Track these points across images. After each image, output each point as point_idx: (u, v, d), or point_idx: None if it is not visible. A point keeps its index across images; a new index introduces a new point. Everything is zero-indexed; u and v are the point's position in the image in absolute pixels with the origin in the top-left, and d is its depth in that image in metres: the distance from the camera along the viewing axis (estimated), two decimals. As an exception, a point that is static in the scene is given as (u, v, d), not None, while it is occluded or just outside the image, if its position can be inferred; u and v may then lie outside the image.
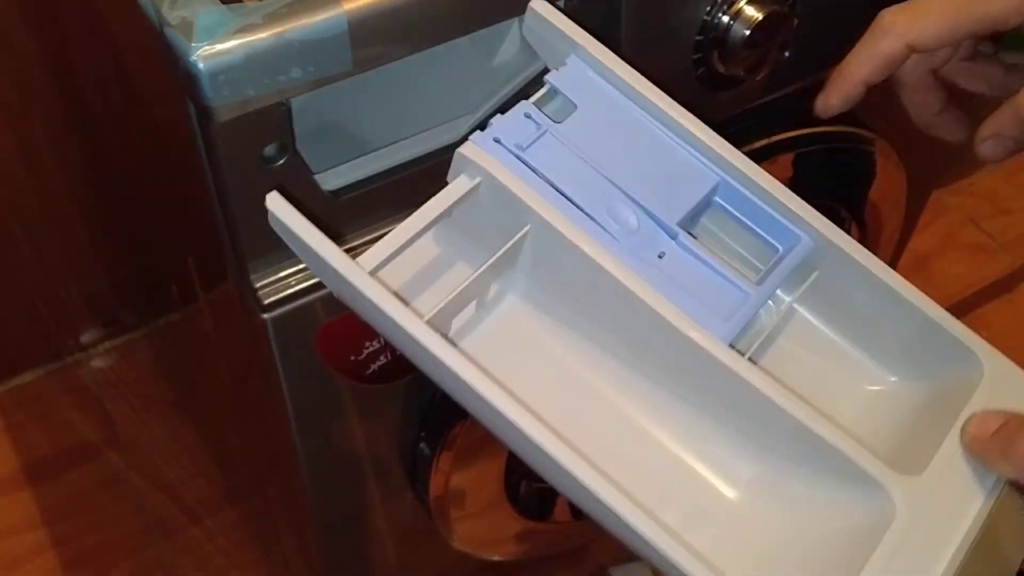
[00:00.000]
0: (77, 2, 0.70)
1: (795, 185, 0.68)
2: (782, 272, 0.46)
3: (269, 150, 0.50)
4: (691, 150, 0.47)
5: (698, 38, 0.58)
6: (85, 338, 1.23)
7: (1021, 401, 0.44)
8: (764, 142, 0.68)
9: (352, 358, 0.60)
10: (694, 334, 0.42)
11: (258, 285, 0.55)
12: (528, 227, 0.44)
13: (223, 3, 0.46)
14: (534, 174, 0.45)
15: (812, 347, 0.48)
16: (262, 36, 0.45)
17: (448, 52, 0.51)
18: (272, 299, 0.55)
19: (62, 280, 1.16)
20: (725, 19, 0.58)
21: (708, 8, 0.57)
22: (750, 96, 0.64)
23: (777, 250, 0.47)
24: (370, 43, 0.48)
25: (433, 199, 0.45)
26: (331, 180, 0.53)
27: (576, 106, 0.47)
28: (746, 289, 0.45)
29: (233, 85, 0.45)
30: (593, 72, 0.48)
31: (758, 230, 0.47)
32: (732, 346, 0.43)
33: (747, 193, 0.47)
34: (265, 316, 0.56)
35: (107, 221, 1.10)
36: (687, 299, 0.43)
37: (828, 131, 0.70)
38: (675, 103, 0.47)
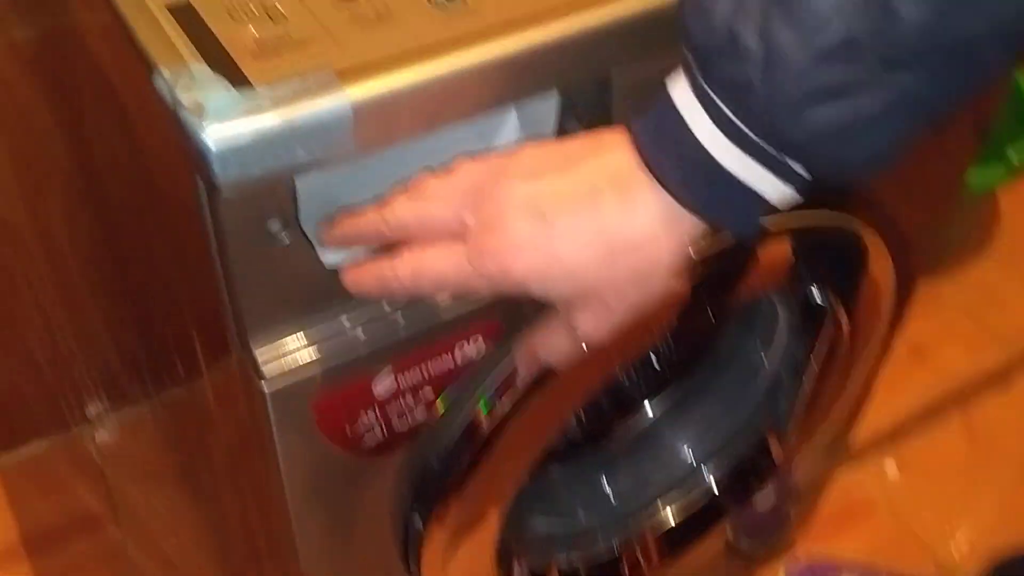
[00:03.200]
0: (96, 82, 0.73)
1: (790, 271, 0.70)
2: None
3: (273, 225, 0.52)
4: None
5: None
6: (91, 410, 1.24)
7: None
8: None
9: (347, 429, 0.61)
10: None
11: (259, 355, 0.57)
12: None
13: (233, 87, 0.48)
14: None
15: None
16: (270, 119, 0.47)
17: (450, 134, 0.54)
18: (272, 369, 0.57)
19: (71, 352, 1.18)
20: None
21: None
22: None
23: None
24: (373, 128, 0.50)
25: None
26: (331, 256, 0.55)
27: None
28: None
29: (241, 164, 0.48)
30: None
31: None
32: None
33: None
34: (264, 386, 0.57)
35: (117, 294, 1.12)
36: None
37: (820, 219, 0.73)
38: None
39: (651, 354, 0.82)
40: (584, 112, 0.58)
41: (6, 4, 0.91)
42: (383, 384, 0.61)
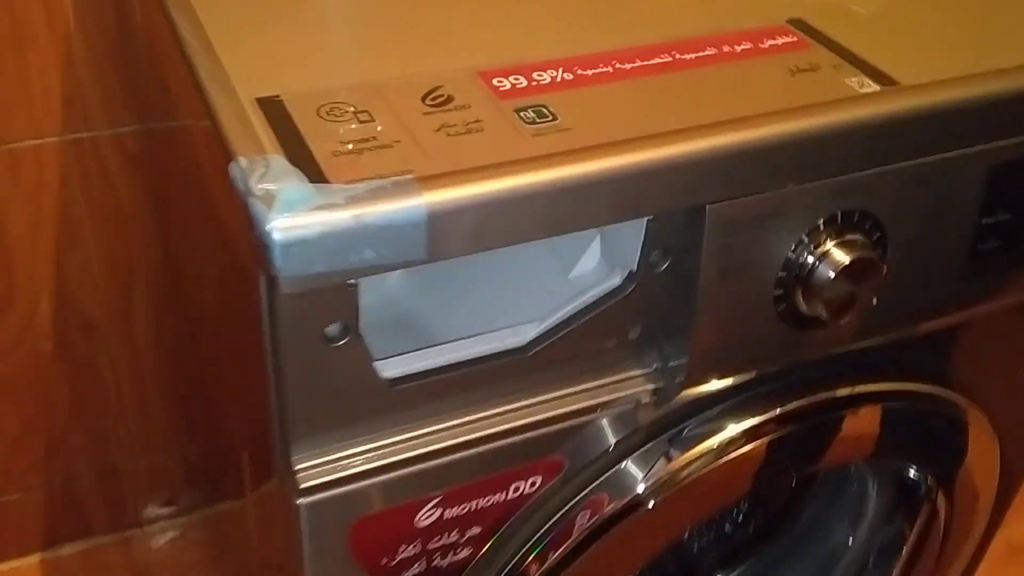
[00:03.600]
0: (187, 180, 0.73)
1: (880, 442, 0.65)
2: None
3: (332, 329, 0.50)
4: None
5: (781, 274, 0.57)
6: (147, 512, 1.22)
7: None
8: (847, 391, 0.65)
9: (384, 561, 0.57)
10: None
11: (298, 467, 0.54)
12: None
13: (309, 182, 0.47)
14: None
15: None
16: (340, 215, 0.46)
17: (524, 255, 0.51)
18: (310, 483, 0.54)
19: (138, 449, 1.17)
20: (811, 259, 0.57)
21: (794, 246, 0.57)
22: (836, 340, 0.62)
23: None
24: (447, 237, 0.48)
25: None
26: (390, 368, 0.53)
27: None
28: None
29: (305, 259, 0.46)
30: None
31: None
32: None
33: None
34: (300, 501, 0.54)
35: (185, 398, 1.11)
36: None
37: (917, 390, 0.67)
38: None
39: (726, 520, 0.76)
40: (672, 246, 0.55)
41: (119, 101, 0.94)
42: (429, 515, 0.57)
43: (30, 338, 1.05)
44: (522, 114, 0.53)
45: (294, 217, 0.45)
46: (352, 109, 0.52)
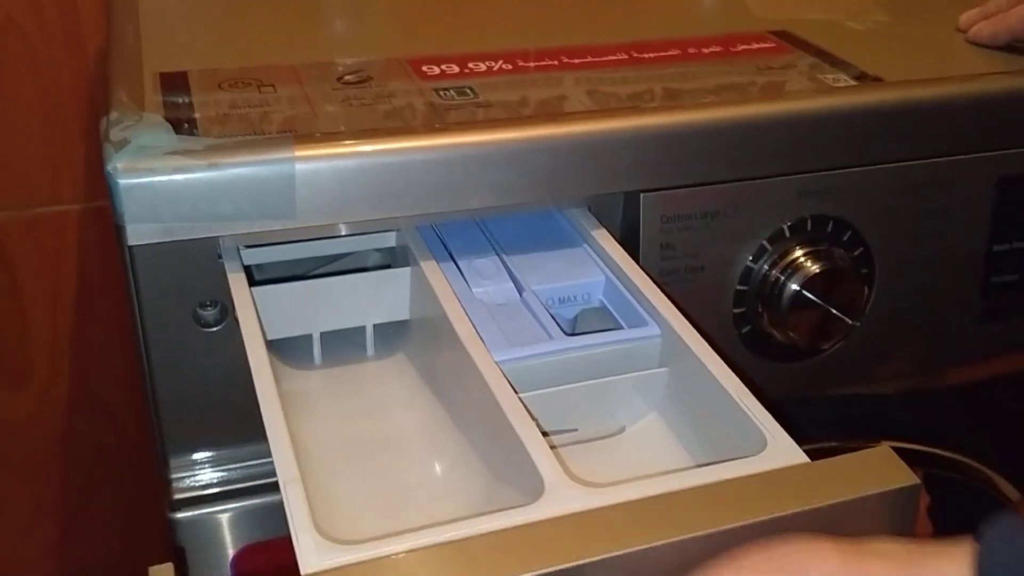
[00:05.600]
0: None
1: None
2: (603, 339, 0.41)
3: (207, 313, 0.45)
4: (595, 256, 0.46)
5: (740, 287, 0.49)
6: None
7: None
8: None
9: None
10: (469, 345, 0.40)
11: (174, 475, 0.47)
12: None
13: (174, 132, 0.43)
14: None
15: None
16: (196, 162, 0.41)
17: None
18: (184, 495, 0.47)
19: (154, 539, 1.12)
20: (774, 271, 0.49)
21: (752, 254, 0.49)
22: (820, 379, 0.53)
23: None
24: (320, 197, 0.43)
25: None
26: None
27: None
28: (554, 335, 0.42)
29: (151, 206, 0.41)
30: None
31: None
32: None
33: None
34: (175, 515, 0.47)
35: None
36: (493, 331, 0.42)
37: (939, 453, 0.57)
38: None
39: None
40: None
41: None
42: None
43: (46, 415, 1.03)
44: (442, 92, 0.48)
45: (139, 160, 0.41)
46: (258, 83, 0.49)
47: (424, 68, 0.51)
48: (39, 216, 0.95)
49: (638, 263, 0.46)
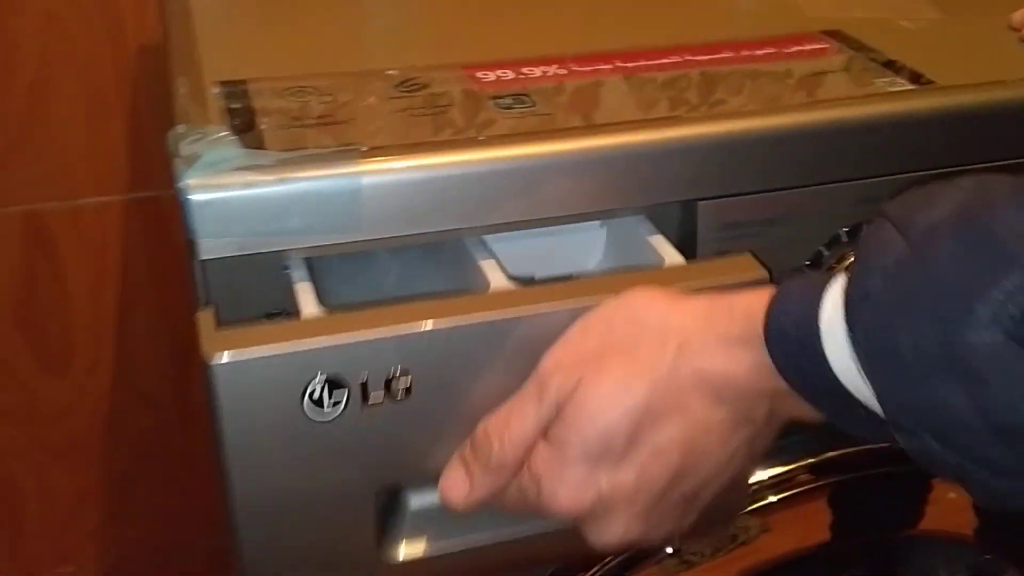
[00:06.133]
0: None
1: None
2: None
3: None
4: None
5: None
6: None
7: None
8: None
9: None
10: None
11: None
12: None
13: (242, 147, 0.43)
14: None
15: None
16: (265, 178, 0.42)
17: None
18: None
19: (196, 526, 1.14)
20: (831, 276, 0.49)
21: (810, 260, 0.49)
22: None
23: None
24: (387, 211, 0.43)
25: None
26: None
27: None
28: None
29: (222, 221, 0.42)
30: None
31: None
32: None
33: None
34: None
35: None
36: None
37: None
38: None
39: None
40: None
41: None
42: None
43: (88, 401, 1.05)
44: (499, 100, 0.49)
45: (211, 176, 0.41)
46: (315, 91, 0.49)
47: (479, 75, 0.51)
48: (82, 207, 0.96)
49: (696, 269, 0.47)
